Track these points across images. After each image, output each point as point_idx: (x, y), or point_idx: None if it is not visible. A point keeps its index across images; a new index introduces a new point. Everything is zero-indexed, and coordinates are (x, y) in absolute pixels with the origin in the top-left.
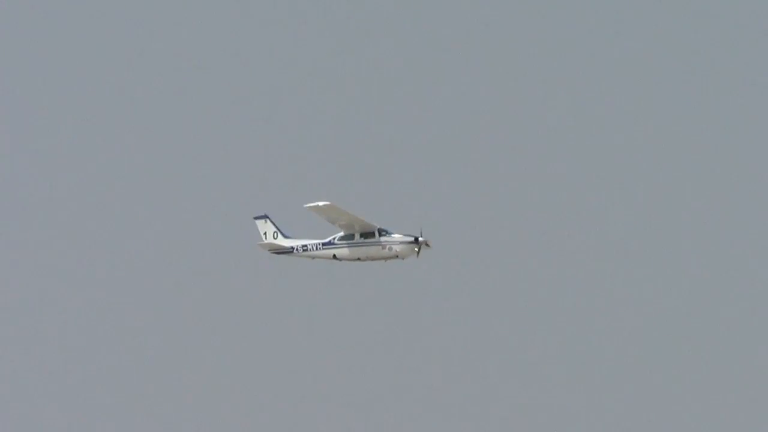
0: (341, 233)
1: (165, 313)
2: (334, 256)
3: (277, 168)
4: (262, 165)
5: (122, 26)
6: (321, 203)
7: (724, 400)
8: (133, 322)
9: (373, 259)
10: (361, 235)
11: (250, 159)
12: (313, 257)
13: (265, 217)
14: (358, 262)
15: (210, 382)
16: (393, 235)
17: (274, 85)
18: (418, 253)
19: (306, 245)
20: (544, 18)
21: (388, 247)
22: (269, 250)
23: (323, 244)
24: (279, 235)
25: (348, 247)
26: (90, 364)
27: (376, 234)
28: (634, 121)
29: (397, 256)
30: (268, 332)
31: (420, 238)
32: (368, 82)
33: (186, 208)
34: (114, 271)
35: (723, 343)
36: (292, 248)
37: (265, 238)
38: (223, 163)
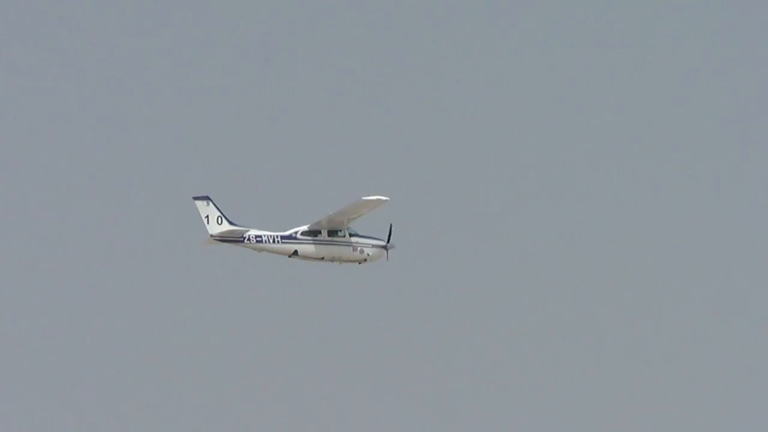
0: (304, 227)
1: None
2: (296, 252)
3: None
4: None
5: None
6: (383, 197)
7: (724, 400)
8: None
9: (336, 260)
10: (328, 233)
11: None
12: (262, 250)
13: (206, 198)
14: (317, 262)
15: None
16: (364, 238)
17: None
18: (387, 255)
19: (260, 236)
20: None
21: (359, 249)
22: (217, 237)
23: (282, 237)
24: (224, 220)
25: (314, 244)
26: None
27: (346, 233)
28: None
29: (366, 260)
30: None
31: (388, 243)
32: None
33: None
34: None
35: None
36: (243, 237)
37: (207, 222)
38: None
